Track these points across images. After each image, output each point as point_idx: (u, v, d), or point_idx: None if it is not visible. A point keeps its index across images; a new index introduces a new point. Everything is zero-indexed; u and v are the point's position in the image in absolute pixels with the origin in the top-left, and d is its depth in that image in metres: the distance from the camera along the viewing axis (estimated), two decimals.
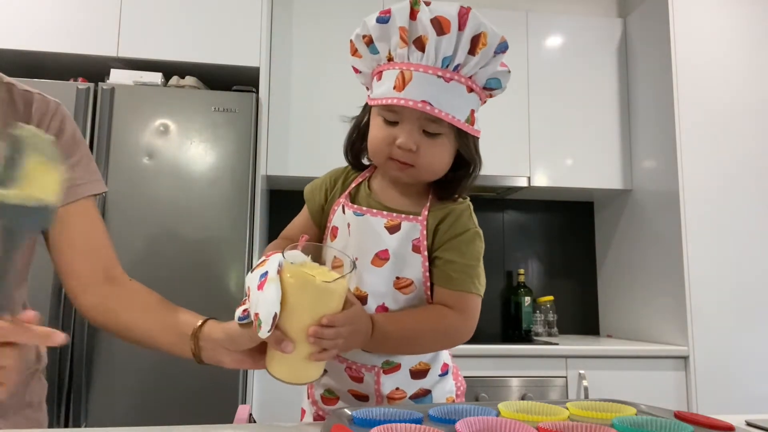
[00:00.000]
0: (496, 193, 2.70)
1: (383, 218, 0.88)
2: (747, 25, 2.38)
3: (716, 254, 2.21)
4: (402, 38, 0.81)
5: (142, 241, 1.92)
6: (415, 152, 0.83)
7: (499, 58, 0.84)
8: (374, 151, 0.87)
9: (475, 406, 0.73)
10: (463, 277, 0.86)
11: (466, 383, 1.02)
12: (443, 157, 0.86)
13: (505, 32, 0.84)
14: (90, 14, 2.13)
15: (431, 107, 0.80)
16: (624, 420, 0.65)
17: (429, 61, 0.80)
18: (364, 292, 0.87)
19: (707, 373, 2.12)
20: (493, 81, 0.86)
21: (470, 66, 0.82)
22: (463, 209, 0.91)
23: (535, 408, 0.72)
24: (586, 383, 2.06)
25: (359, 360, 0.88)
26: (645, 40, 2.52)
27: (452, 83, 0.81)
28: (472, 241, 0.89)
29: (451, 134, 0.85)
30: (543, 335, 2.58)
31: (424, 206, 0.89)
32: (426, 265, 0.87)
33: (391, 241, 0.87)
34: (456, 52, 0.80)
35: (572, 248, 2.85)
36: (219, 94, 2.05)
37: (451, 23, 0.79)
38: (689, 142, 2.27)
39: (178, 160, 1.99)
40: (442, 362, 0.95)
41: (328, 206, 0.96)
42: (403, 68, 0.81)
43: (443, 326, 0.85)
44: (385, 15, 0.83)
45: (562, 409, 0.71)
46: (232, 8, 2.19)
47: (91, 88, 1.97)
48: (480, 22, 0.80)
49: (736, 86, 2.33)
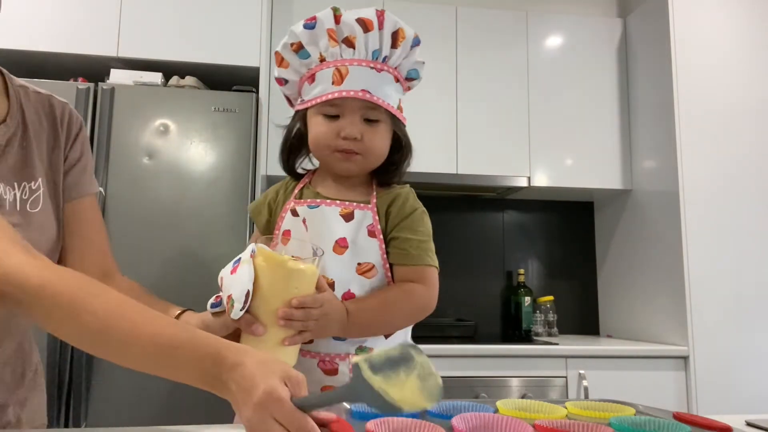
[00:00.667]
0: (496, 193, 2.70)
1: (337, 207, 0.94)
2: (747, 25, 2.38)
3: (716, 254, 2.21)
4: (332, 38, 0.90)
5: (142, 241, 1.92)
6: (360, 140, 0.90)
7: (416, 51, 0.96)
8: (319, 146, 0.93)
9: (473, 403, 0.73)
10: (420, 253, 0.94)
11: (466, 383, 1.04)
12: (384, 142, 0.95)
13: (505, 32, 0.89)
14: (90, 14, 2.13)
15: (371, 95, 0.89)
16: (622, 420, 0.65)
17: (361, 55, 0.90)
18: (330, 280, 0.90)
19: (707, 373, 2.12)
20: (413, 71, 0.98)
21: (395, 58, 0.93)
22: (408, 192, 0.99)
23: (533, 406, 0.73)
24: (586, 383, 2.06)
25: (332, 350, 0.91)
26: (645, 40, 2.52)
27: (383, 73, 0.92)
28: (422, 219, 0.97)
29: (387, 120, 0.94)
30: (543, 335, 2.58)
31: (371, 194, 0.96)
32: (383, 248, 0.93)
33: (347, 229, 0.92)
34: (382, 45, 0.91)
35: (572, 248, 2.85)
36: (219, 94, 2.05)
37: (373, 22, 0.90)
38: (689, 142, 2.27)
39: (178, 160, 1.99)
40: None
41: (274, 219, 1.00)
42: (338, 65, 0.90)
43: (413, 299, 0.92)
44: (311, 21, 0.92)
45: (561, 408, 0.71)
46: (232, 8, 2.19)
47: (91, 88, 1.97)
48: (395, 20, 0.92)
49: (736, 86, 2.33)
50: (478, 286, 2.73)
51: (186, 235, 1.95)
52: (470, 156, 2.46)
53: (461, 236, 2.75)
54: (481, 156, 2.47)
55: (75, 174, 0.93)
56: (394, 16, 0.92)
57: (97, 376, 1.82)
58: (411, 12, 2.47)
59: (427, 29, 2.49)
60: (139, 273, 1.91)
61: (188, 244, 1.94)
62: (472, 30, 2.52)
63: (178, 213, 1.96)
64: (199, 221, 1.96)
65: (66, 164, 0.92)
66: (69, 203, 0.92)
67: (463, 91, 2.48)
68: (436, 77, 2.48)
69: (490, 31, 2.52)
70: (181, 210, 1.96)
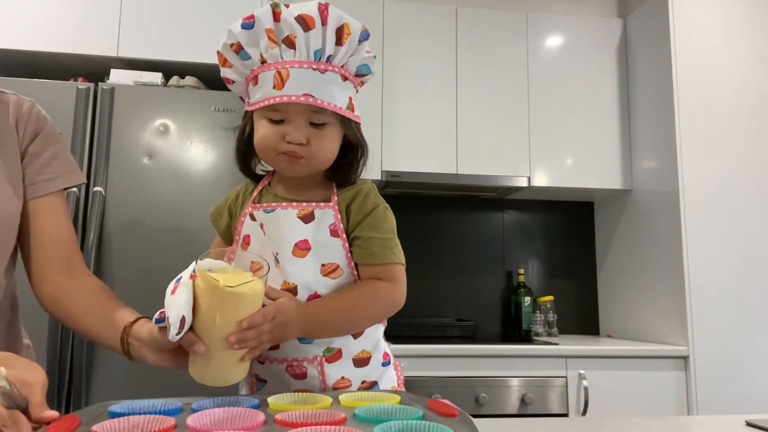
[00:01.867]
0: (496, 193, 2.70)
1: (294, 209, 0.90)
2: (747, 25, 2.38)
3: (716, 254, 2.21)
4: (271, 39, 0.84)
5: (142, 241, 1.92)
6: (306, 144, 0.86)
7: (364, 45, 0.89)
8: (263, 149, 0.89)
9: (241, 398, 0.73)
10: (384, 251, 0.90)
11: (466, 383, 1.03)
12: (332, 145, 0.90)
13: (505, 32, 0.86)
14: (90, 14, 2.13)
15: (314, 99, 0.83)
16: (367, 410, 0.66)
17: (302, 56, 0.84)
18: (292, 284, 0.88)
19: (707, 373, 2.12)
20: (363, 67, 0.91)
21: (340, 56, 0.86)
22: (369, 188, 0.95)
23: (303, 399, 0.73)
24: (586, 383, 2.06)
25: (300, 354, 0.89)
26: (645, 40, 2.52)
27: (328, 74, 0.85)
28: (384, 215, 0.92)
29: (335, 122, 0.88)
30: (543, 335, 2.58)
31: (332, 192, 0.92)
32: (347, 247, 0.90)
33: (307, 230, 0.89)
34: (325, 44, 0.84)
35: (572, 248, 2.85)
36: (219, 94, 2.05)
37: (314, 19, 0.83)
38: (689, 142, 2.27)
39: (178, 160, 1.99)
40: (383, 351, 0.97)
41: (234, 223, 0.98)
42: (278, 67, 0.84)
43: (379, 297, 0.89)
44: (249, 21, 0.86)
45: (327, 398, 0.72)
46: (232, 8, 2.19)
47: (91, 88, 1.97)
48: (340, 14, 0.85)
49: (736, 86, 2.33)
50: (478, 286, 2.73)
51: (186, 235, 1.95)
52: (470, 156, 2.46)
53: (461, 236, 2.75)
54: (481, 156, 2.47)
55: (33, 172, 0.93)
56: (338, 11, 0.85)
57: (97, 376, 1.82)
58: (411, 12, 2.46)
59: (427, 29, 2.49)
60: (138, 273, 1.92)
61: (188, 244, 1.94)
62: (472, 30, 2.52)
63: (178, 213, 1.96)
64: (199, 221, 1.96)
65: (24, 162, 0.92)
66: (33, 201, 0.92)
67: (463, 91, 2.49)
68: (436, 77, 2.48)
69: (490, 31, 2.52)
70: (181, 210, 1.96)
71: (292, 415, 0.64)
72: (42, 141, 0.94)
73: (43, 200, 0.93)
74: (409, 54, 2.47)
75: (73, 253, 0.96)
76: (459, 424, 0.63)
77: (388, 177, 2.39)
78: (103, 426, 0.59)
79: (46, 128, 0.96)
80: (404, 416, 0.64)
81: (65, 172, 0.97)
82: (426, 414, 0.66)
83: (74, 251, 0.97)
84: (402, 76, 2.46)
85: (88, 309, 0.91)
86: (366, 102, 2.40)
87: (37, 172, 0.93)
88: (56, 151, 0.96)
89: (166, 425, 0.60)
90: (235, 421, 0.62)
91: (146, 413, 0.65)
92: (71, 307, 0.92)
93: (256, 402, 0.71)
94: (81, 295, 0.93)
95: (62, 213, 0.96)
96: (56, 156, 0.96)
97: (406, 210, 2.71)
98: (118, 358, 0.88)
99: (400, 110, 2.45)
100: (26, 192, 0.92)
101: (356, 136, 0.92)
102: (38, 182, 0.93)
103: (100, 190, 1.90)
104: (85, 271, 0.97)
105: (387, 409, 0.66)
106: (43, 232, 0.93)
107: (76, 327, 0.92)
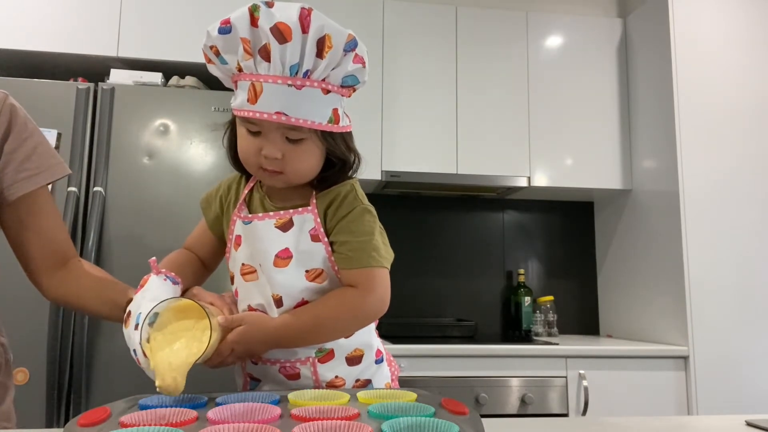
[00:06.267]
0: (496, 193, 2.71)
1: (271, 219, 0.88)
2: (747, 25, 2.38)
3: (716, 254, 2.21)
4: (246, 50, 0.80)
5: (142, 241, 1.92)
6: (281, 159, 0.83)
7: (351, 55, 0.81)
8: (244, 161, 0.88)
9: (263, 393, 0.75)
10: (360, 255, 0.86)
11: (466, 383, 1.02)
12: (310, 161, 0.86)
13: (505, 32, 0.84)
14: (90, 14, 2.13)
15: (287, 117, 0.79)
16: (381, 407, 0.67)
17: (276, 71, 0.78)
18: (277, 295, 0.87)
19: (707, 373, 2.12)
20: (349, 78, 0.84)
21: (320, 70, 0.80)
22: (348, 190, 0.90)
23: (323, 395, 0.74)
24: (586, 383, 2.06)
25: (291, 356, 0.89)
26: (645, 40, 2.52)
27: (305, 90, 0.80)
28: (360, 217, 0.88)
29: (314, 137, 0.84)
30: (543, 335, 2.58)
31: (312, 195, 0.90)
32: (329, 250, 0.88)
33: (287, 239, 0.87)
34: (303, 58, 0.78)
35: (572, 248, 2.85)
36: (219, 94, 2.05)
37: (292, 30, 0.77)
38: (689, 142, 2.27)
39: (178, 160, 1.99)
40: (376, 348, 0.96)
41: (226, 216, 0.98)
42: (253, 80, 0.80)
43: (345, 307, 0.86)
44: (226, 26, 0.82)
45: (345, 395, 0.73)
46: (232, 8, 2.19)
47: (91, 88, 1.97)
48: (323, 23, 0.78)
49: (735, 86, 2.33)
50: (478, 286, 2.73)
51: (186, 235, 1.94)
52: (470, 156, 2.46)
53: (461, 236, 2.75)
54: (481, 156, 2.47)
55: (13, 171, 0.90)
56: (322, 18, 0.78)
57: (97, 376, 1.82)
58: (411, 12, 2.46)
59: (427, 29, 2.49)
60: (138, 273, 1.91)
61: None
62: (472, 30, 2.52)
63: (179, 213, 1.95)
64: (199, 221, 1.96)
65: (1, 162, 0.89)
66: (18, 199, 0.91)
67: (463, 91, 2.49)
68: (437, 77, 2.48)
69: (490, 31, 2.52)
70: (182, 210, 1.96)
71: (308, 410, 0.65)
72: (16, 137, 0.91)
73: (28, 197, 0.92)
74: (409, 54, 2.47)
75: (66, 242, 0.98)
76: (467, 422, 0.63)
77: (388, 177, 2.39)
78: (131, 417, 0.63)
79: (20, 121, 0.92)
80: (417, 413, 0.65)
81: (47, 165, 0.94)
82: (438, 411, 0.66)
83: (66, 240, 0.99)
84: (402, 75, 2.46)
85: (92, 294, 0.96)
86: (366, 102, 2.40)
87: (17, 170, 0.90)
88: (35, 145, 0.93)
89: (188, 417, 0.64)
90: (253, 415, 0.65)
91: (174, 406, 0.68)
92: (75, 296, 0.96)
93: (277, 398, 0.73)
94: (81, 281, 0.97)
95: (50, 206, 0.97)
96: (35, 150, 0.93)
97: (406, 210, 2.71)
98: (118, 358, 0.89)
99: (400, 110, 2.45)
100: (7, 194, 0.90)
101: (340, 150, 0.87)
102: (20, 181, 0.90)
103: (100, 190, 1.90)
104: (77, 258, 1.00)
105: (400, 406, 0.67)
106: (35, 229, 0.94)
107: (84, 311, 0.98)
